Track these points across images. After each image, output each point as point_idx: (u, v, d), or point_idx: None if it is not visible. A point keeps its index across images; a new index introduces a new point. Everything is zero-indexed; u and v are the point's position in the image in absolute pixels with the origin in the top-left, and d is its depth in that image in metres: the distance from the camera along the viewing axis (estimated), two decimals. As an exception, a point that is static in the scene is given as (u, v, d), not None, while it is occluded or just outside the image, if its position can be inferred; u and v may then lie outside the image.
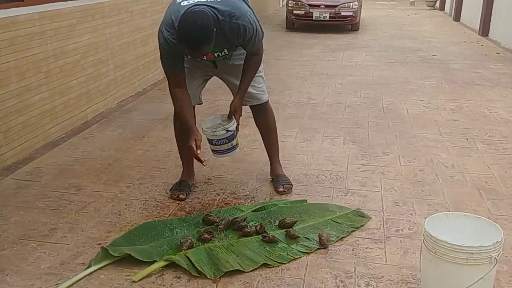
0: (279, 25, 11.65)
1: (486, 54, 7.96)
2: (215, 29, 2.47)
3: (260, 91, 3.09)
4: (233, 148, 2.93)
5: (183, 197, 3.04)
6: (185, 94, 2.80)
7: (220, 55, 2.78)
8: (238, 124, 2.91)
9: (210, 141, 2.91)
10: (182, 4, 2.56)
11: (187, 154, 3.18)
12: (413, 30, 10.83)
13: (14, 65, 3.60)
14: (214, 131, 2.84)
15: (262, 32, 2.81)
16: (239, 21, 2.59)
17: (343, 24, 10.72)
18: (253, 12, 2.72)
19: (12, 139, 3.63)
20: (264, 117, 3.20)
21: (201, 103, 3.14)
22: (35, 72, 3.84)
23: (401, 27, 11.44)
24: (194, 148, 2.68)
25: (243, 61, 2.88)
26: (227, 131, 2.83)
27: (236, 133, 2.91)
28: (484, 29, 9.71)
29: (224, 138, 2.85)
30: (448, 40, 9.53)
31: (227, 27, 2.57)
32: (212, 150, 2.97)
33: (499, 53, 8.01)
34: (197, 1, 2.54)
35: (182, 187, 3.11)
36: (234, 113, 2.90)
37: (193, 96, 2.96)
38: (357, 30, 10.78)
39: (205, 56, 2.75)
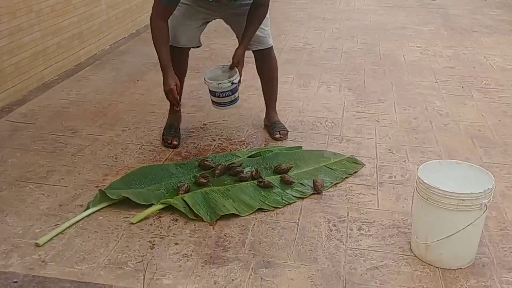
0: (276, -34, 11.29)
1: (485, 0, 7.82)
2: None
3: (266, 34, 3.01)
4: (236, 100, 2.91)
5: (176, 143, 3.02)
6: (167, 31, 2.72)
7: (230, 1, 2.73)
8: (240, 76, 2.87)
9: (213, 93, 2.87)
10: None
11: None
12: (413, -27, 10.54)
13: (4, 4, 3.50)
14: (219, 83, 2.80)
15: None
16: None
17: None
18: None
19: (5, 81, 3.58)
20: (268, 63, 3.14)
21: (201, 45, 3.08)
22: (26, 11, 3.74)
23: (400, -31, 11.12)
24: (175, 92, 2.71)
25: (248, 1, 2.80)
26: (232, 83, 2.80)
27: (238, 85, 2.88)
28: (486, -26, 9.46)
29: (228, 91, 2.82)
30: (448, -16, 9.31)
31: None
32: (214, 102, 2.93)
33: (499, -1, 7.87)
34: None
35: (174, 132, 3.08)
36: (237, 64, 2.85)
37: (192, 37, 2.90)
38: (356, -28, 10.48)
39: None
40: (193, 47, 3.03)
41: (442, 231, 2.02)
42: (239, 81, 2.88)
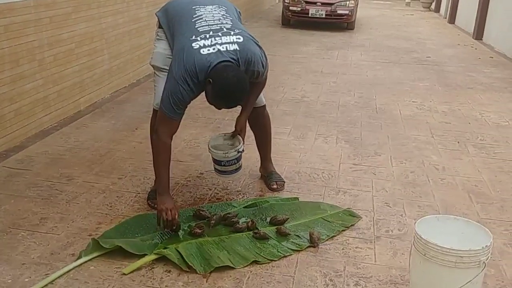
0: (275, 21, 11.63)
1: (480, 58, 8.01)
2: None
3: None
4: (240, 168, 2.93)
5: None
6: (170, 150, 2.63)
7: None
8: (243, 144, 2.89)
9: (219, 162, 2.87)
10: (202, 52, 2.46)
11: None
12: (408, 31, 10.87)
13: (8, 52, 3.57)
14: (226, 153, 2.81)
15: (268, 65, 2.77)
16: (255, 68, 2.61)
17: (339, 22, 10.73)
18: (264, 53, 2.68)
19: (4, 127, 3.60)
20: (261, 120, 3.15)
21: None
22: (29, 60, 3.81)
23: (396, 27, 11.48)
24: (169, 214, 2.50)
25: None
26: (238, 152, 2.82)
27: (242, 153, 2.89)
28: (479, 33, 9.76)
29: (234, 159, 2.84)
30: (443, 42, 9.57)
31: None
32: (218, 171, 2.93)
33: (492, 57, 8.07)
34: (217, 50, 2.47)
35: None
36: (240, 132, 2.88)
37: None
38: (353, 29, 10.80)
39: None
40: None
41: (441, 288, 1.98)
42: (243, 149, 2.88)
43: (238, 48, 2.52)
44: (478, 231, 2.11)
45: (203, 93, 2.59)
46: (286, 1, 10.70)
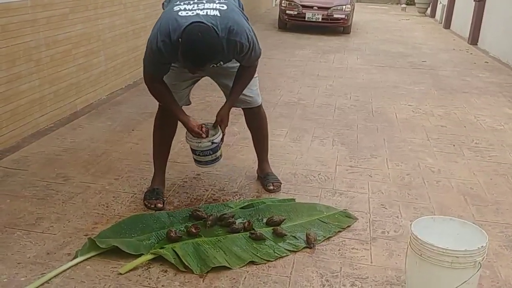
0: (271, 25, 11.66)
1: (475, 63, 8.06)
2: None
3: (255, 93, 3.03)
4: (216, 159, 2.88)
5: (161, 206, 2.87)
6: (165, 85, 2.71)
7: (215, 66, 2.69)
8: (223, 135, 2.85)
9: (194, 152, 2.85)
10: (180, 14, 2.45)
11: (161, 159, 3.04)
12: (403, 36, 10.92)
13: (5, 52, 3.56)
14: (198, 143, 2.77)
15: (260, 49, 2.74)
16: (237, 38, 2.52)
17: (335, 26, 10.78)
18: (252, 30, 2.64)
19: (0, 127, 3.59)
20: (258, 121, 3.15)
21: (190, 104, 3.08)
22: (26, 60, 3.80)
23: (392, 32, 11.53)
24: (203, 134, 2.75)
25: (236, 64, 2.79)
26: (212, 143, 2.78)
27: (221, 144, 2.86)
28: (474, 38, 9.82)
29: (208, 150, 2.79)
30: (438, 47, 9.62)
31: (224, 43, 2.50)
32: (195, 160, 2.91)
33: (487, 62, 8.12)
34: (196, 13, 2.45)
35: (157, 195, 2.93)
36: (220, 123, 2.84)
37: (181, 97, 2.90)
38: (349, 33, 10.84)
39: None
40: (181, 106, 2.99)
41: (436, 289, 1.99)
42: (222, 140, 2.85)
43: (219, 15, 2.47)
44: (473, 232, 2.13)
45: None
46: (282, 4, 10.74)
